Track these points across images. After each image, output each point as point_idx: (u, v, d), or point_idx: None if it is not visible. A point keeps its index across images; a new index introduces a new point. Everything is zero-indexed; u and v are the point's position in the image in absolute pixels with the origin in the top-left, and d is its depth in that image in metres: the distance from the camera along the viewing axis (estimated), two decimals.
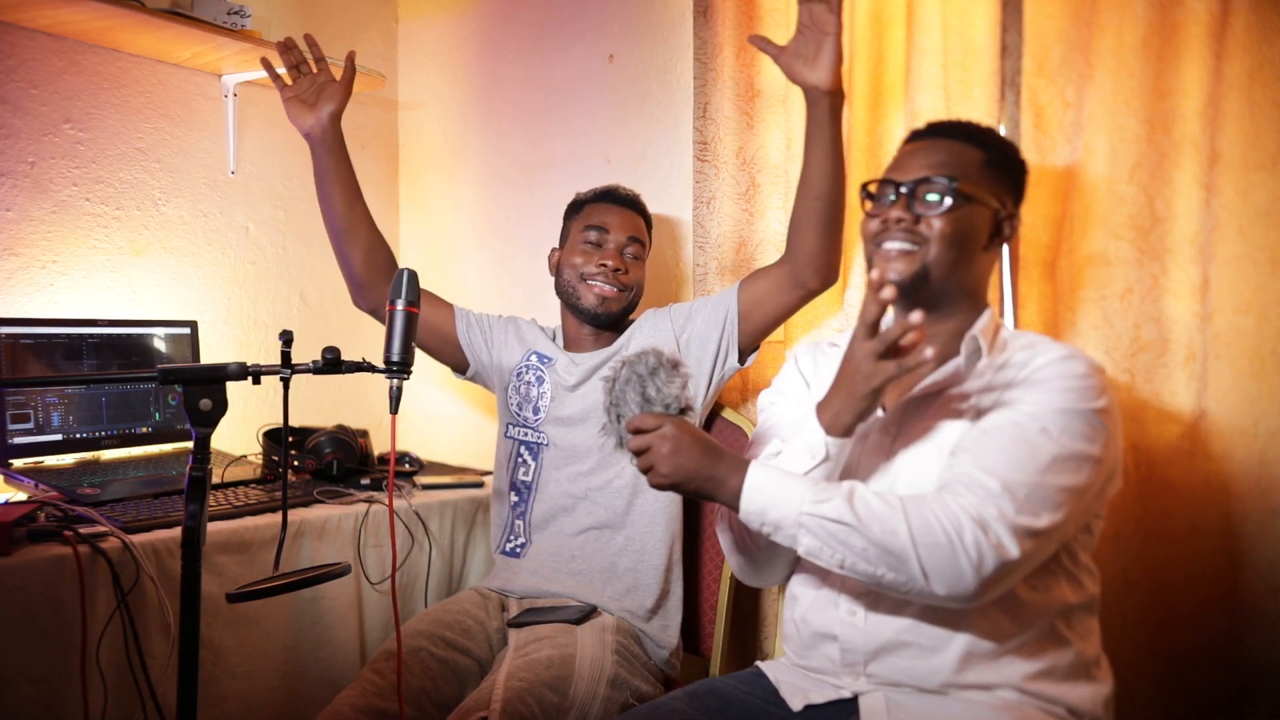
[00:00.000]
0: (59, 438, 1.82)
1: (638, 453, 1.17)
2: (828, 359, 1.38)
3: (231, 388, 1.17)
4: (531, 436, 1.77)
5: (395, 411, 1.26)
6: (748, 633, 1.91)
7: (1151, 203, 1.50)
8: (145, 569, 1.46)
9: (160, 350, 1.99)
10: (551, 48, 2.32)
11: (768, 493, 1.11)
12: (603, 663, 1.49)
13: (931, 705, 1.15)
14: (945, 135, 1.26)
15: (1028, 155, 1.63)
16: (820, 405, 1.16)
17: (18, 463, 1.76)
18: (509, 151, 2.43)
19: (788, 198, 1.84)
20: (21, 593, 1.36)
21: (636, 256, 1.79)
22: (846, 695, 1.21)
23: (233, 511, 1.66)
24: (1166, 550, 1.50)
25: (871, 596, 1.19)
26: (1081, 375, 1.13)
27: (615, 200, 1.81)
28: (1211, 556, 1.45)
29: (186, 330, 2.04)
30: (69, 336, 1.84)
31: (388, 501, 1.84)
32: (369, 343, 1.93)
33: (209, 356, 2.13)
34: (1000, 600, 1.12)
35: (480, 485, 2.08)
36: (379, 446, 2.15)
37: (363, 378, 2.31)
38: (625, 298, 1.76)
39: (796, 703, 1.24)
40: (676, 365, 1.19)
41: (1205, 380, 1.46)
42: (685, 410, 1.19)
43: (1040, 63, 1.60)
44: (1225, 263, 1.44)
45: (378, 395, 2.51)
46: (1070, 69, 1.58)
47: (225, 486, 1.81)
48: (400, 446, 2.21)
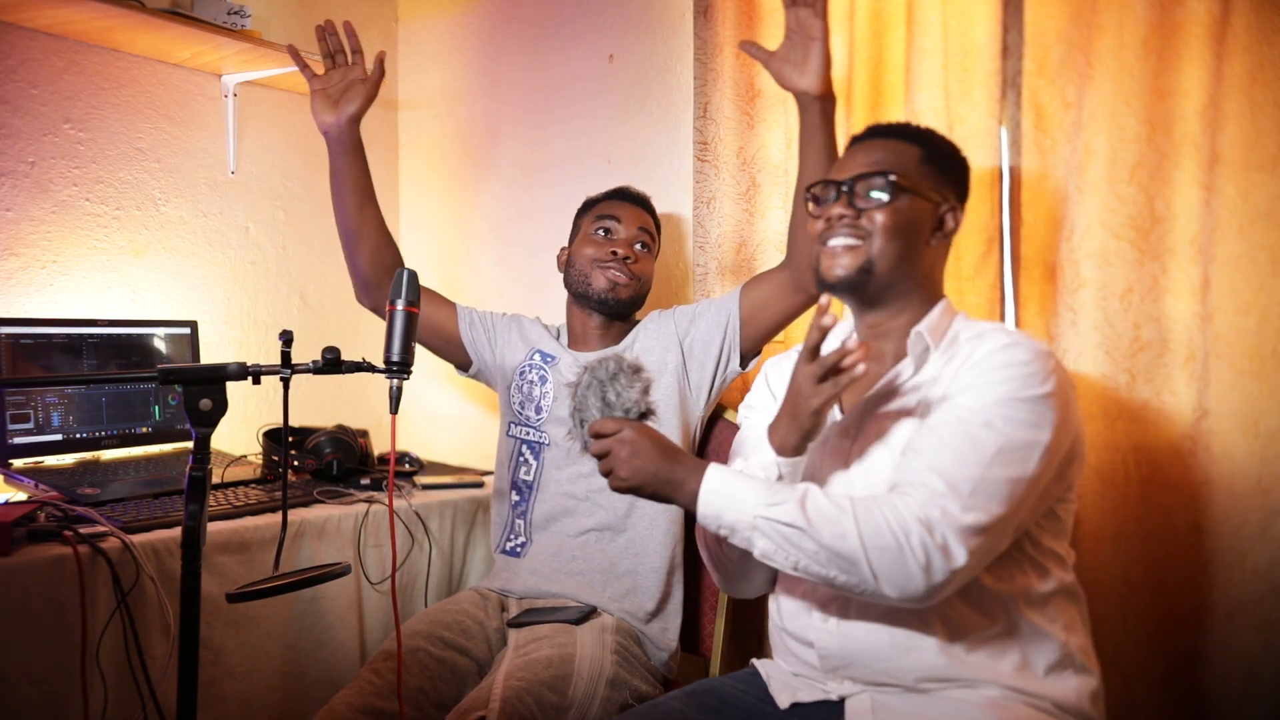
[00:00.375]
0: (59, 438, 1.82)
1: (599, 456, 1.19)
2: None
3: (231, 388, 1.18)
4: (533, 436, 1.77)
5: (395, 411, 1.26)
6: (748, 633, 1.91)
7: (1152, 203, 1.50)
8: (145, 569, 1.46)
9: (160, 350, 1.99)
10: (551, 48, 2.32)
11: (723, 495, 1.13)
12: (602, 663, 1.49)
13: (917, 706, 1.15)
14: (883, 135, 1.29)
15: (1028, 155, 1.63)
16: (771, 427, 1.20)
17: (18, 463, 1.76)
18: (509, 151, 2.43)
19: (788, 198, 1.84)
20: (21, 593, 1.36)
21: (646, 248, 1.79)
22: (833, 699, 1.21)
23: (233, 511, 1.66)
24: (1167, 550, 1.50)
25: (841, 601, 1.20)
26: (1024, 362, 1.12)
27: (626, 198, 1.83)
28: (1212, 556, 1.45)
29: (186, 330, 2.04)
30: (69, 336, 1.84)
31: (388, 501, 1.84)
32: (369, 343, 1.93)
33: (209, 356, 2.13)
34: (964, 592, 1.13)
35: (480, 485, 2.08)
36: (379, 446, 2.16)
37: (363, 378, 2.31)
38: (634, 286, 1.76)
39: (784, 700, 1.25)
40: (638, 370, 1.21)
41: (1206, 380, 1.46)
42: (646, 415, 1.20)
43: (1041, 63, 1.61)
44: (1226, 263, 1.44)
45: (378, 395, 2.51)
46: (1071, 69, 1.58)
47: (225, 486, 1.82)
48: (400, 446, 2.21)
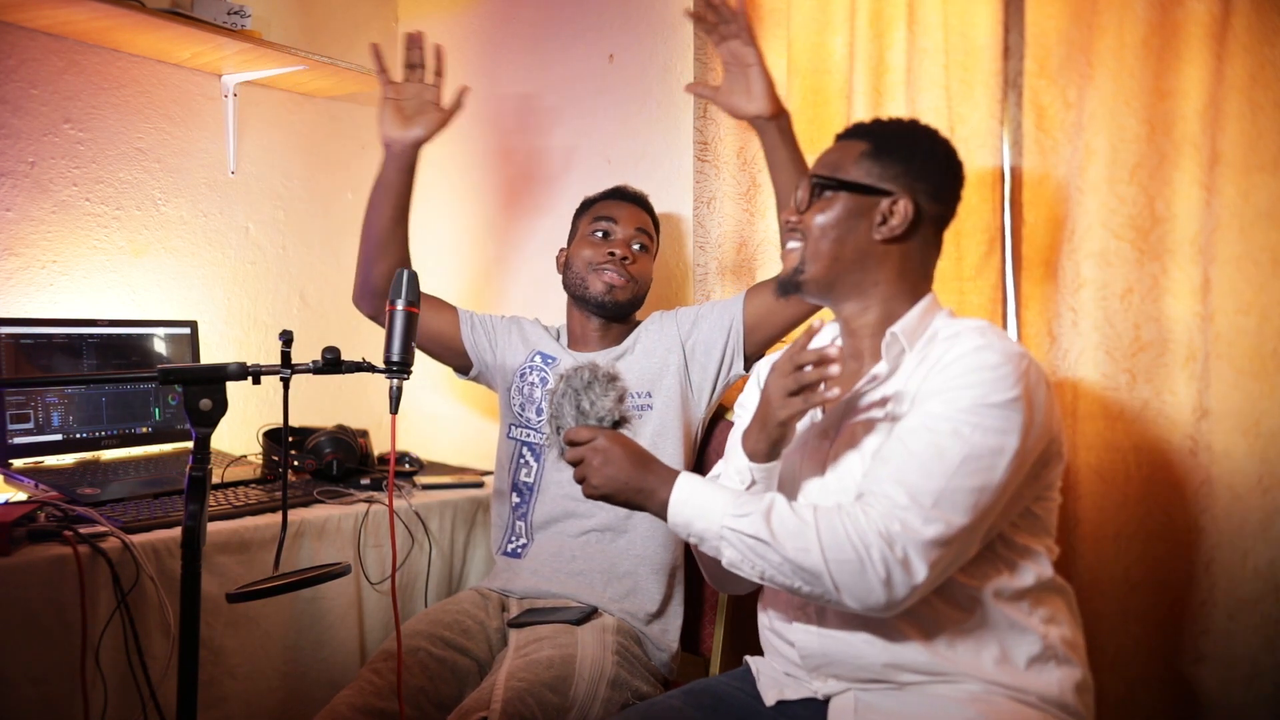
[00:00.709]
0: (59, 438, 1.82)
1: (574, 464, 1.20)
2: None
3: (231, 388, 1.17)
4: (534, 437, 1.77)
5: (395, 411, 1.26)
6: (747, 634, 1.90)
7: (1152, 203, 1.50)
8: (145, 569, 1.46)
9: (160, 350, 1.99)
10: (551, 48, 2.32)
11: (692, 505, 1.13)
12: (603, 663, 1.48)
13: (900, 703, 1.15)
14: (841, 137, 1.30)
15: (1030, 155, 1.63)
16: (744, 434, 1.20)
17: (18, 463, 1.75)
18: (509, 151, 2.43)
19: None
20: (21, 593, 1.35)
21: (644, 248, 1.79)
22: (819, 698, 1.22)
23: (233, 511, 1.66)
24: (1168, 549, 1.50)
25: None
26: (993, 366, 1.09)
27: (623, 197, 1.83)
28: (1213, 556, 1.45)
29: (186, 330, 2.04)
30: (69, 336, 1.84)
31: (388, 501, 1.84)
32: (369, 343, 1.93)
33: (209, 356, 2.13)
34: (940, 589, 1.12)
35: (480, 485, 2.08)
36: (379, 446, 2.15)
37: (363, 378, 2.31)
38: (632, 288, 1.76)
39: (770, 697, 1.25)
40: (613, 379, 1.21)
41: (1207, 380, 1.46)
42: (620, 423, 1.21)
43: (1042, 63, 1.61)
44: (1226, 263, 1.44)
45: (378, 395, 2.51)
46: (1071, 69, 1.58)
47: (225, 486, 1.81)
48: (400, 446, 2.20)
